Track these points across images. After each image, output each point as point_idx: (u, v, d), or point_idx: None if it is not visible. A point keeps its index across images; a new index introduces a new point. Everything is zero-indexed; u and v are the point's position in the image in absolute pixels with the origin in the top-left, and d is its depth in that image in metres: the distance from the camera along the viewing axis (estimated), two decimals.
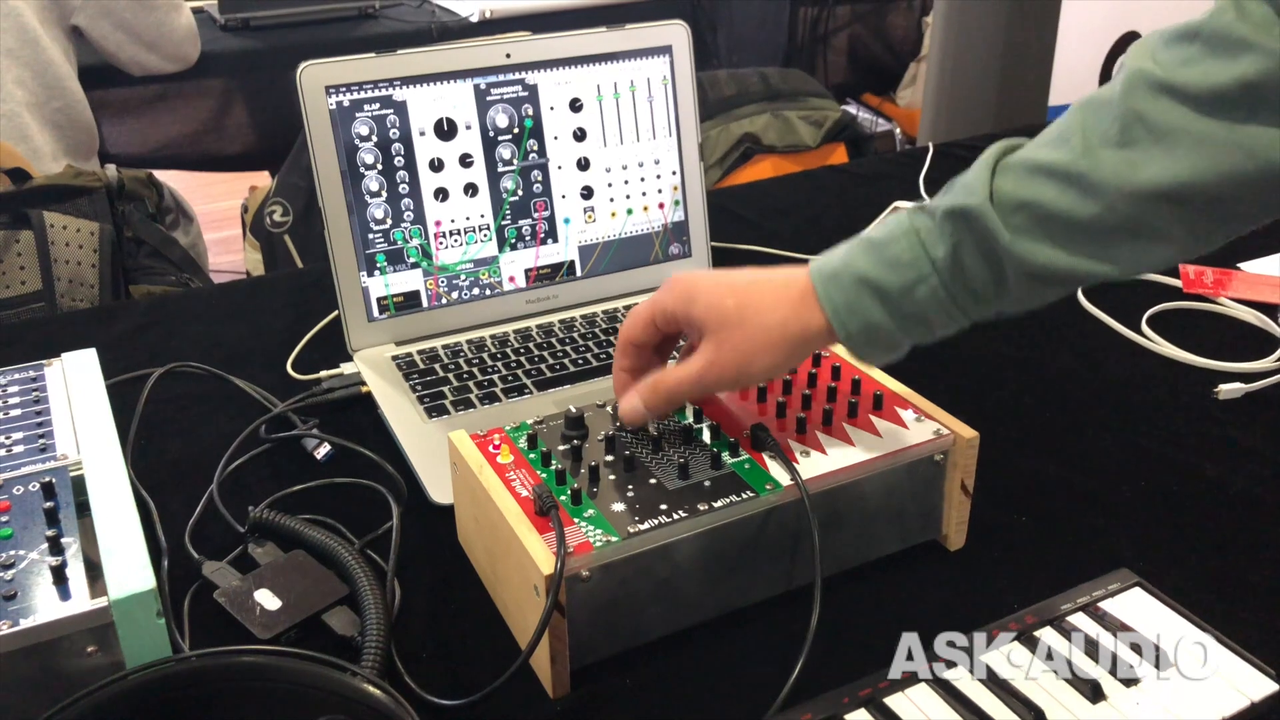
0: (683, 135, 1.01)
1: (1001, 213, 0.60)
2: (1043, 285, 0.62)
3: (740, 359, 0.65)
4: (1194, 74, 0.56)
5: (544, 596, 0.57)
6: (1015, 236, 0.60)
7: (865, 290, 0.62)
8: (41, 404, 0.74)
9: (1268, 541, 0.71)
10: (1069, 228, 0.60)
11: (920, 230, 0.62)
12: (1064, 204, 0.59)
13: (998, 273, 0.61)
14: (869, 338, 0.64)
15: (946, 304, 0.62)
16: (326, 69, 0.87)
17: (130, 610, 0.56)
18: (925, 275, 0.62)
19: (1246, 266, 1.09)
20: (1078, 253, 0.60)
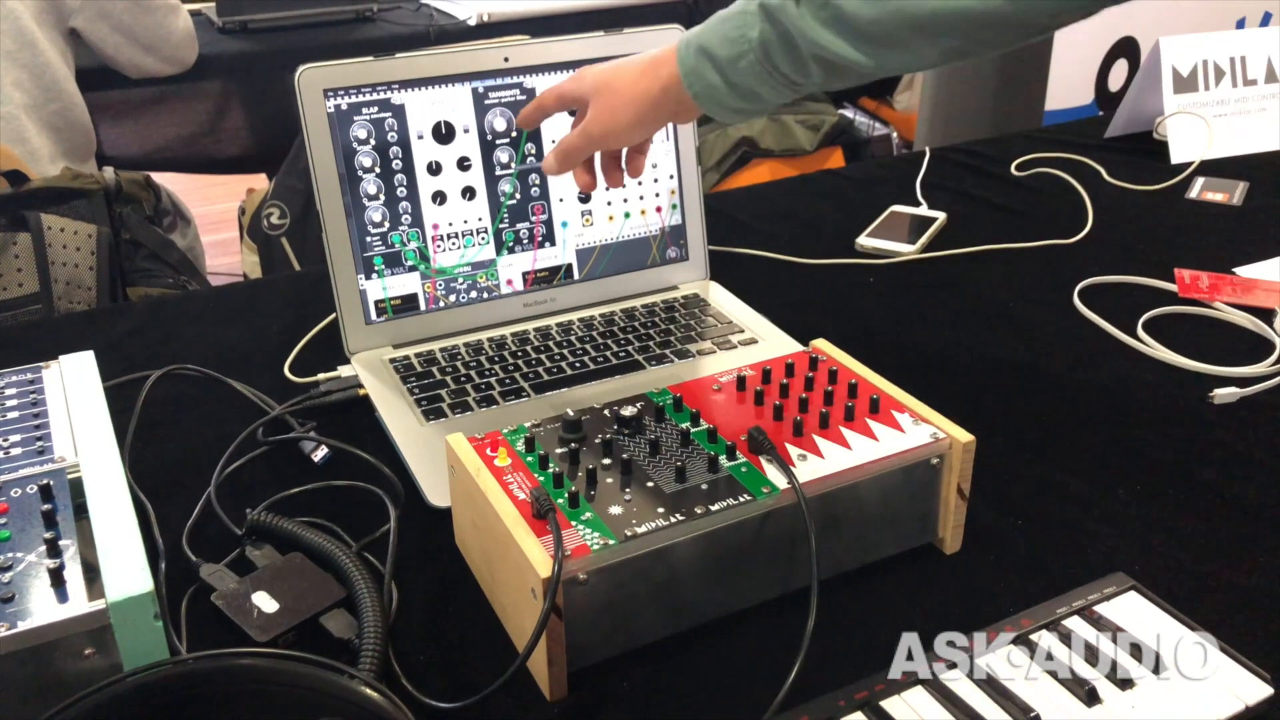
0: (680, 140, 1.01)
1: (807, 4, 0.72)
2: (832, 70, 0.74)
3: (608, 113, 0.80)
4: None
5: (541, 599, 0.57)
6: (813, 24, 0.71)
7: (704, 57, 0.76)
8: (39, 406, 0.74)
9: (1263, 546, 0.72)
10: (853, 26, 0.71)
11: (747, 12, 0.74)
12: (853, 7, 0.71)
13: (797, 55, 0.73)
14: (710, 96, 0.77)
15: (765, 77, 0.75)
16: (325, 72, 0.87)
17: (128, 613, 0.56)
18: (744, 52, 0.74)
19: (1242, 271, 1.10)
20: (860, 49, 0.72)
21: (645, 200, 1.01)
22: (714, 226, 1.08)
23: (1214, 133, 1.40)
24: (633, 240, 1.01)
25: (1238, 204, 1.28)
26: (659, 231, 1.02)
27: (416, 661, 0.63)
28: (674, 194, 1.02)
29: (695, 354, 0.93)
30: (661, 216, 1.02)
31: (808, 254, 1.16)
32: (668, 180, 1.01)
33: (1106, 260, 1.12)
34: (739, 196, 1.43)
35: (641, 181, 1.00)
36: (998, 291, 1.08)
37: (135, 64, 1.93)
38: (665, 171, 1.01)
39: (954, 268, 1.13)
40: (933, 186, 1.34)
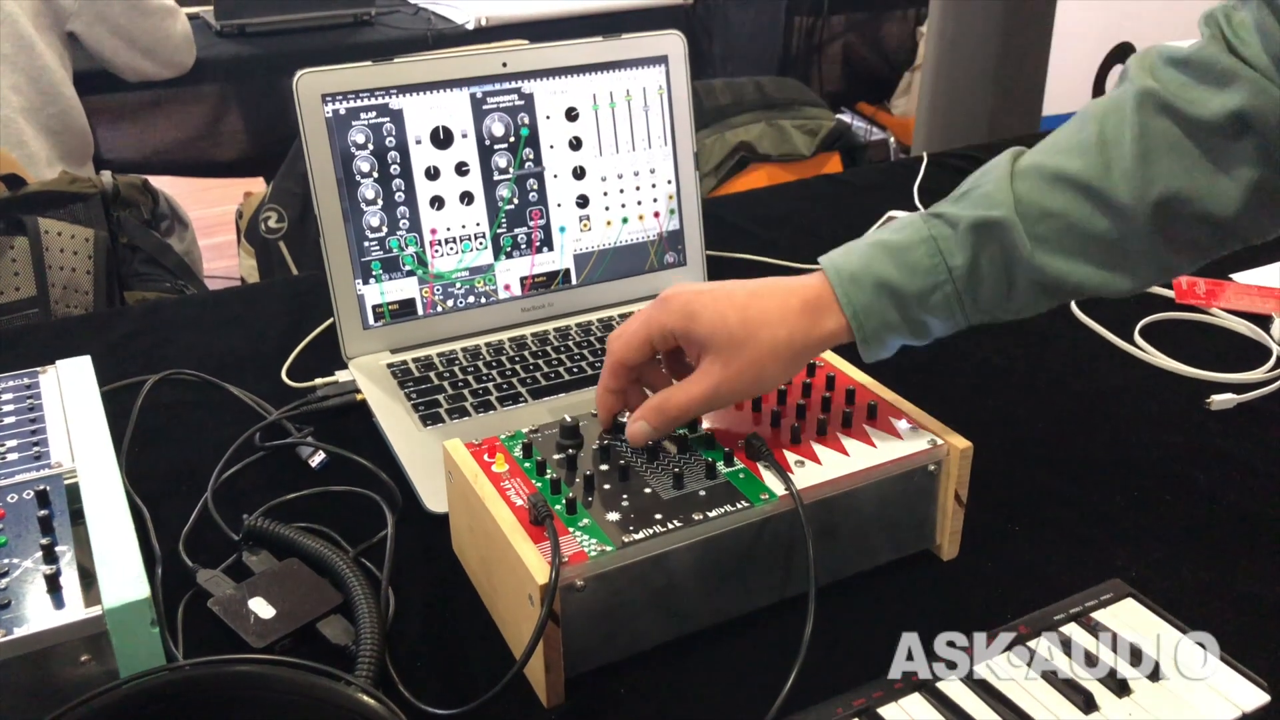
0: (678, 144, 1.01)
1: (1025, 222, 0.63)
2: (1050, 295, 0.66)
3: (751, 376, 0.65)
4: (1187, 99, 0.61)
5: (538, 606, 0.57)
6: (1036, 247, 0.63)
7: (884, 293, 0.65)
8: (36, 411, 0.74)
9: (1259, 552, 0.72)
10: (1088, 240, 0.63)
11: (939, 239, 0.65)
12: (1084, 216, 0.63)
13: (1010, 282, 0.65)
14: (881, 338, 0.66)
15: (955, 308, 0.66)
16: (323, 77, 0.87)
17: (124, 619, 0.56)
18: (942, 283, 0.65)
19: (1239, 277, 1.10)
20: (1092, 264, 0.64)
21: (643, 205, 1.01)
22: (712, 231, 1.08)
23: None
24: (630, 245, 1.01)
25: None
26: (657, 236, 1.02)
27: (413, 668, 0.63)
28: (672, 199, 1.02)
29: None
30: (659, 221, 1.02)
31: (805, 259, 1.16)
32: (665, 185, 1.02)
33: None
34: (737, 201, 1.43)
35: (639, 187, 1.00)
36: None
37: (133, 67, 1.93)
38: (663, 176, 1.01)
39: None
40: (930, 191, 1.34)
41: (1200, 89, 0.61)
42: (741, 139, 1.99)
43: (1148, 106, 0.62)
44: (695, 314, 0.65)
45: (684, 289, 0.67)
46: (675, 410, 0.66)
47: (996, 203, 0.64)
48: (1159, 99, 0.62)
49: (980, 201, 0.64)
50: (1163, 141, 0.62)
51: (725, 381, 0.65)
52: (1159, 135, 0.62)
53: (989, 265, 0.64)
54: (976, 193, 0.65)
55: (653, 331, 0.67)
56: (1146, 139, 0.62)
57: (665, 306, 0.66)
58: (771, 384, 0.67)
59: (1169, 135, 0.62)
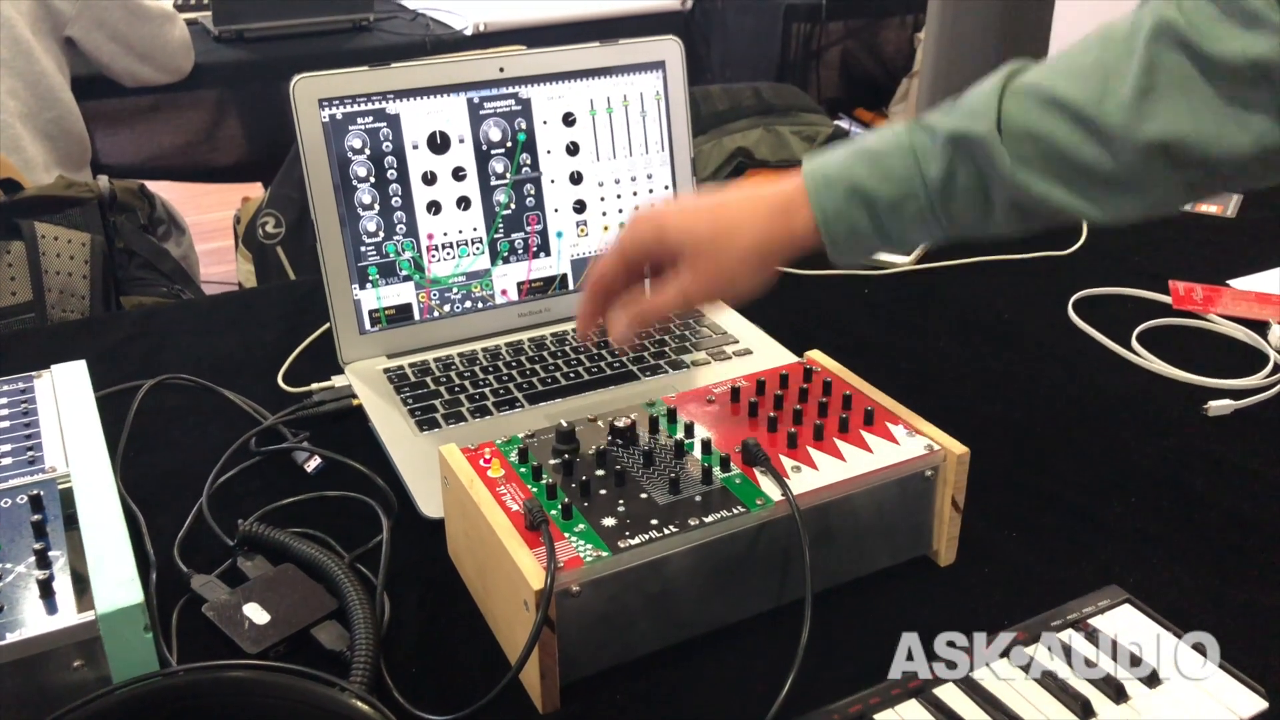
0: (675, 150, 1.01)
1: (1008, 141, 0.61)
2: (1027, 216, 0.64)
3: (722, 280, 0.67)
4: (1210, 35, 0.58)
5: (534, 611, 0.57)
6: (1016, 165, 0.61)
7: (856, 199, 0.64)
8: (30, 416, 0.74)
9: (1257, 558, 0.72)
10: (1072, 167, 0.61)
11: (918, 148, 0.64)
12: (1073, 143, 0.61)
13: (986, 198, 0.63)
14: (850, 242, 0.66)
15: (929, 220, 0.65)
16: (320, 82, 0.87)
17: (117, 624, 0.55)
18: (915, 192, 0.64)
19: (1236, 283, 1.10)
20: (1073, 192, 0.62)
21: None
22: None
23: None
24: None
25: (1232, 216, 1.29)
26: None
27: (408, 674, 0.63)
28: None
29: (689, 365, 0.93)
30: None
31: (802, 265, 1.15)
32: (663, 191, 1.01)
33: (1101, 272, 1.12)
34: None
35: (637, 192, 1.00)
36: (992, 303, 1.08)
37: (131, 73, 1.93)
38: (660, 182, 1.01)
39: (948, 279, 1.14)
40: None
41: (1225, 25, 0.57)
42: (739, 145, 1.99)
43: (1163, 39, 0.59)
44: (664, 225, 0.67)
45: (654, 207, 0.69)
46: (650, 310, 0.68)
47: (979, 117, 0.62)
48: (1177, 33, 0.58)
49: (964, 115, 0.63)
50: (1173, 78, 0.58)
51: (694, 285, 0.66)
52: (1169, 71, 0.58)
53: (965, 180, 0.63)
54: (962, 106, 0.64)
55: (626, 248, 0.68)
56: (1154, 74, 0.59)
57: (634, 224, 0.68)
58: (743, 288, 0.67)
59: (1181, 71, 0.58)
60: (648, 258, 0.68)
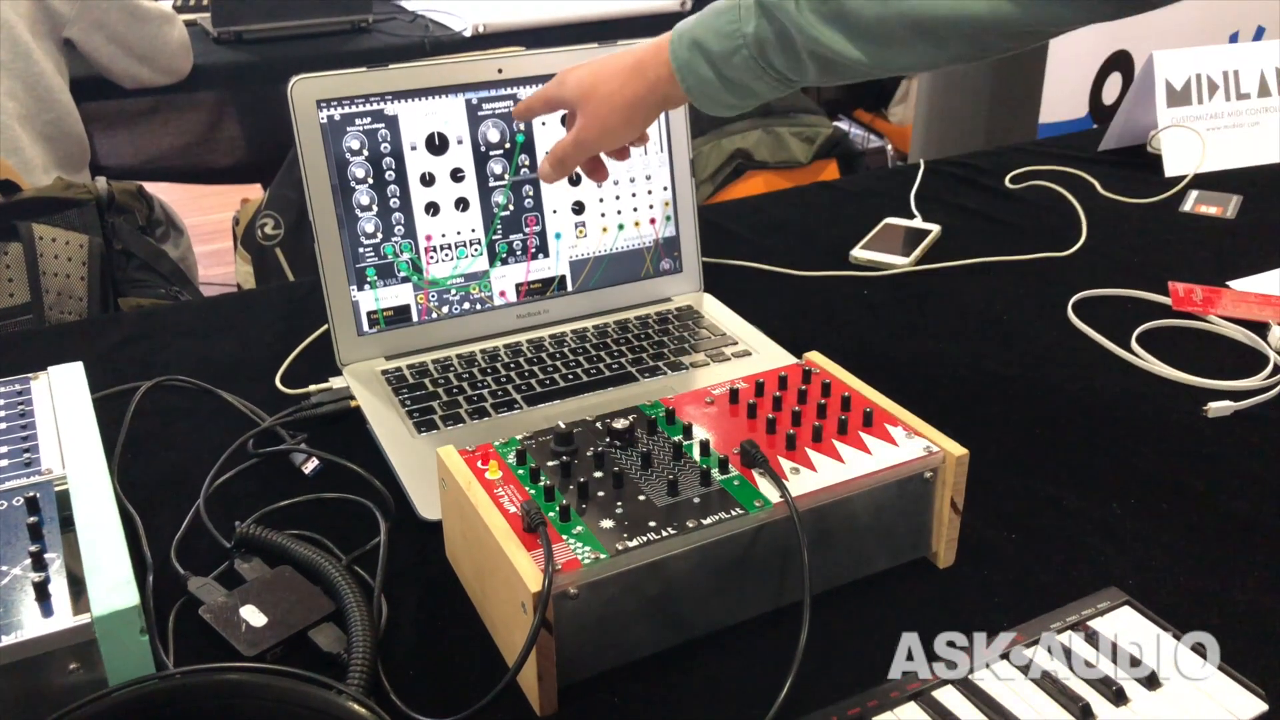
0: (674, 151, 1.01)
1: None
2: (831, 69, 0.72)
3: (599, 125, 0.80)
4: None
5: (531, 614, 0.56)
6: (814, 18, 0.70)
7: (697, 51, 0.75)
8: (27, 418, 0.74)
9: (1257, 560, 0.71)
10: (857, 21, 0.69)
11: (742, 6, 0.73)
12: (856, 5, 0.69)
13: (793, 51, 0.72)
14: (703, 91, 0.76)
15: (760, 73, 0.74)
16: (318, 83, 0.87)
17: (113, 627, 0.55)
18: (738, 47, 0.73)
19: (1235, 285, 1.10)
20: (861, 41, 0.70)
21: (639, 212, 1.01)
22: (708, 238, 1.08)
23: (1207, 146, 1.40)
24: (626, 252, 1.01)
25: (1231, 217, 1.28)
26: (653, 243, 1.02)
27: (406, 676, 0.63)
28: (668, 205, 1.02)
29: (688, 366, 0.93)
30: (655, 228, 1.02)
31: (801, 266, 1.16)
32: (662, 192, 1.01)
33: (1101, 273, 1.12)
34: (733, 208, 1.43)
35: (636, 194, 1.00)
36: (992, 304, 1.08)
37: (130, 74, 1.93)
38: (659, 183, 1.01)
39: (948, 280, 1.13)
40: (927, 199, 1.34)
41: None
42: (738, 146, 1.99)
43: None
44: (563, 81, 0.81)
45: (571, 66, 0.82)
46: (558, 152, 0.82)
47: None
48: None
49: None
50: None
51: (583, 129, 0.80)
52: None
53: (777, 35, 0.71)
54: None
55: (535, 100, 0.85)
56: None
57: (552, 81, 0.83)
58: (620, 132, 0.81)
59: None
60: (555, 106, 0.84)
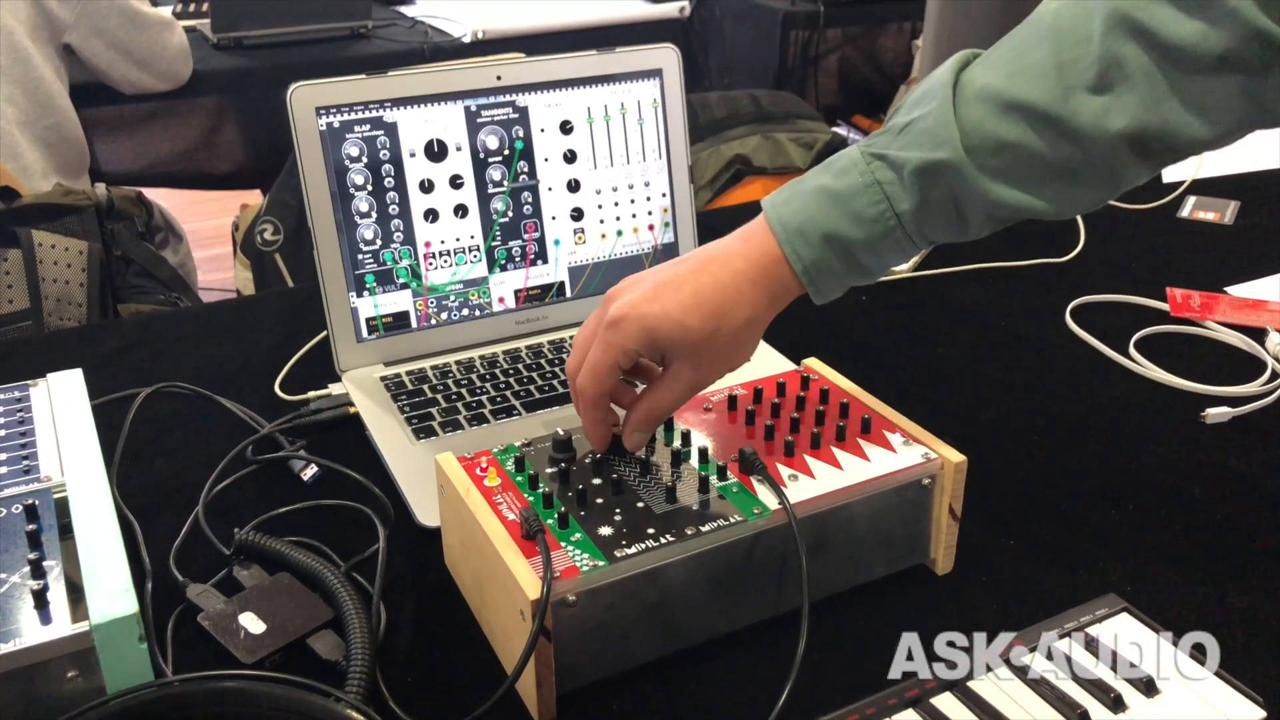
0: (673, 158, 1.01)
1: (975, 156, 0.61)
2: (1001, 222, 0.64)
3: (724, 365, 0.67)
4: (1162, 19, 0.57)
5: (530, 621, 0.57)
6: (988, 180, 0.61)
7: (833, 246, 0.64)
8: (26, 425, 0.74)
9: (1255, 567, 0.71)
10: (1044, 169, 0.61)
11: (884, 184, 0.63)
12: (1040, 147, 0.60)
13: (961, 215, 0.64)
14: (832, 285, 0.67)
15: (905, 246, 0.65)
16: (317, 90, 0.87)
17: (112, 635, 0.55)
18: (891, 229, 0.63)
19: (1233, 291, 1.10)
20: (1049, 191, 0.61)
21: (638, 218, 1.01)
22: (707, 243, 1.08)
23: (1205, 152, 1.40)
24: (625, 258, 1.01)
25: (1229, 223, 1.29)
26: (651, 249, 1.02)
27: (404, 683, 0.63)
28: (666, 211, 1.02)
29: None
30: (654, 234, 1.02)
31: None
32: (660, 198, 1.01)
33: (1099, 279, 1.12)
34: (732, 214, 1.43)
35: (634, 200, 1.00)
36: (990, 310, 1.08)
37: (129, 80, 1.94)
38: (658, 189, 1.01)
39: (946, 286, 1.14)
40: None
41: (1173, 7, 0.57)
42: (737, 152, 1.99)
43: (1117, 31, 0.58)
44: (654, 329, 0.64)
45: (630, 299, 0.65)
46: (663, 413, 0.67)
47: (942, 140, 0.61)
48: (1131, 21, 0.57)
49: (924, 140, 0.62)
50: (1133, 70, 0.58)
51: (699, 379, 0.67)
52: (1129, 63, 0.58)
53: (938, 205, 0.63)
54: (918, 127, 0.62)
55: (617, 357, 0.65)
56: (1114, 68, 0.58)
57: (621, 329, 0.65)
58: (743, 360, 0.68)
59: (1139, 63, 0.57)
60: (635, 360, 0.67)
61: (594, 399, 0.67)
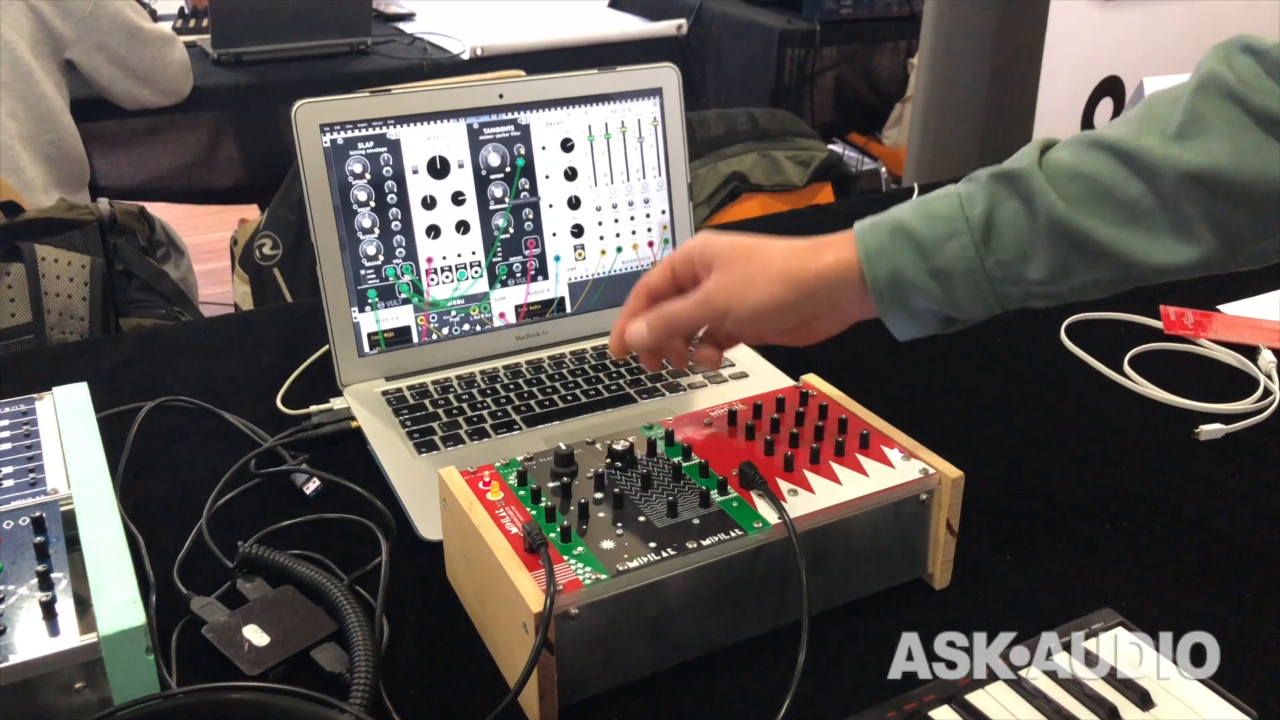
0: (672, 175, 1.02)
1: (1051, 178, 0.63)
2: (1070, 251, 0.63)
3: (739, 284, 0.67)
4: (1259, 90, 0.59)
5: (533, 634, 0.57)
6: (1059, 197, 0.62)
7: (899, 235, 0.65)
8: (32, 438, 0.74)
9: (1248, 582, 0.72)
10: (1115, 202, 0.62)
11: (962, 192, 0.65)
12: (1115, 179, 0.62)
13: (1030, 234, 0.63)
14: (894, 286, 0.65)
15: (974, 266, 0.64)
16: (321, 107, 0.88)
17: (120, 647, 0.56)
18: (958, 231, 0.64)
19: (1226, 308, 1.11)
20: (1116, 226, 0.62)
21: (637, 235, 1.02)
22: None
23: None
24: (625, 274, 1.02)
25: None
26: (650, 265, 1.03)
27: (407, 696, 0.63)
28: (665, 228, 1.03)
29: (686, 388, 0.94)
30: (653, 251, 1.03)
31: None
32: (659, 215, 1.02)
33: None
34: (729, 230, 1.44)
35: (634, 216, 1.01)
36: (986, 327, 1.08)
37: (130, 95, 1.95)
38: (657, 206, 1.02)
39: None
40: None
41: (1273, 83, 0.59)
42: (734, 169, 2.00)
43: (1210, 90, 0.61)
44: (710, 240, 0.69)
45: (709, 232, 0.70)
46: (671, 314, 0.69)
47: (1021, 158, 0.64)
48: (1227, 85, 0.60)
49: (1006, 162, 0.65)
50: (1217, 122, 0.60)
51: (716, 288, 0.67)
52: (1213, 116, 0.60)
53: (1006, 214, 0.63)
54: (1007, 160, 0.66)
55: (675, 259, 0.70)
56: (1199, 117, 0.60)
57: (688, 241, 0.70)
58: (758, 301, 0.67)
59: (1226, 116, 0.60)
60: (690, 267, 0.70)
61: (640, 285, 0.72)
